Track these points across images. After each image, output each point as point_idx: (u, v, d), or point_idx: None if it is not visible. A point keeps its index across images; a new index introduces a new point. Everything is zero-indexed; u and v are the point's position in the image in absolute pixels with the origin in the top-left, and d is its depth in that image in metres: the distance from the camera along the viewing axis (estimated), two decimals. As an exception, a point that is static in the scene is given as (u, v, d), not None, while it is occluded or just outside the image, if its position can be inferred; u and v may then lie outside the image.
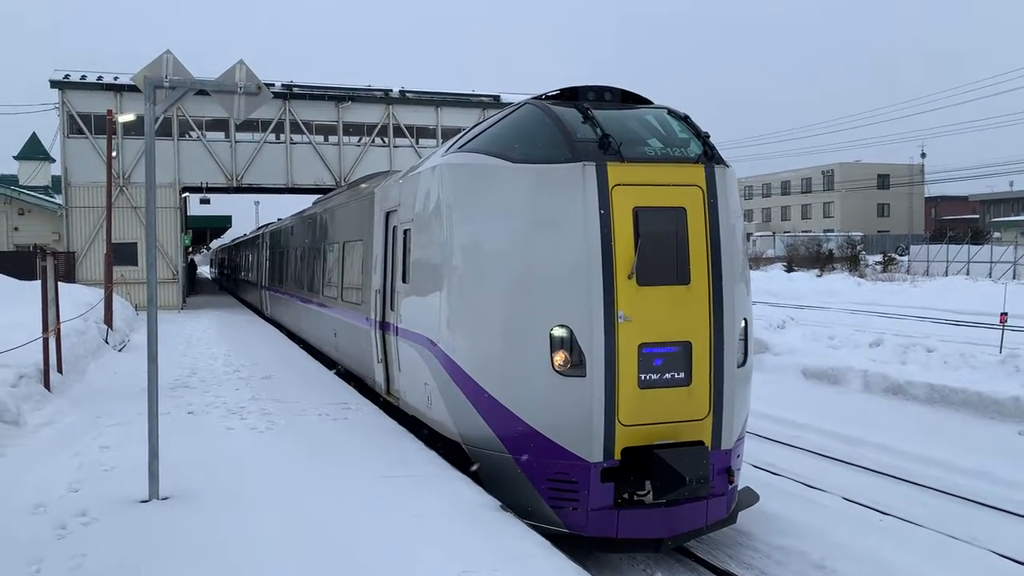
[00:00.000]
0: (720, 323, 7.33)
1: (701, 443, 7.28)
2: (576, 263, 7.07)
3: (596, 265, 7.02)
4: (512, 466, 7.48)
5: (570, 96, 8.29)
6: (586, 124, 7.52)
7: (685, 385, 7.25)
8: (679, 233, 7.26)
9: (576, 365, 7.09)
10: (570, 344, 7.12)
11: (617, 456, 7.08)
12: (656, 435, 7.15)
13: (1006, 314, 17.70)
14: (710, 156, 7.60)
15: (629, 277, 7.06)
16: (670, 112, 8.22)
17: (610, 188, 7.12)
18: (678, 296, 7.24)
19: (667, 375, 7.19)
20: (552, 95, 8.42)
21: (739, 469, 7.91)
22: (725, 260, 7.39)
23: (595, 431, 7.02)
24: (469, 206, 7.97)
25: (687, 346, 7.25)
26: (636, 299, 7.09)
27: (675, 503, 7.15)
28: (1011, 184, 72.73)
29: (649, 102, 8.66)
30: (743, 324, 7.70)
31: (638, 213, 7.15)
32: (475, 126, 9.29)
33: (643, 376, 7.11)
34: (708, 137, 7.81)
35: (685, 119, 8.08)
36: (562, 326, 7.12)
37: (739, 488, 8.01)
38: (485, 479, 7.79)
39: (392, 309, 10.23)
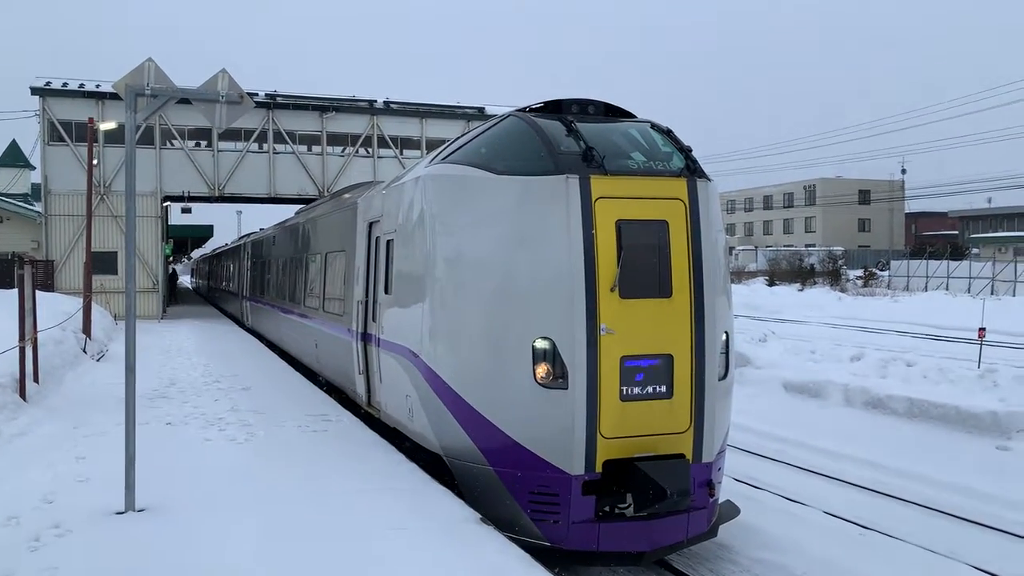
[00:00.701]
0: (702, 336, 7.34)
1: (682, 456, 7.28)
2: (559, 275, 7.07)
3: (579, 277, 7.02)
4: (493, 479, 7.45)
5: (554, 109, 8.31)
6: (569, 137, 7.53)
7: (666, 398, 7.24)
8: (661, 246, 7.28)
9: (558, 377, 7.08)
10: (552, 356, 7.10)
11: (598, 469, 7.06)
12: (637, 448, 7.14)
13: (984, 329, 17.86)
14: (692, 170, 7.63)
15: (612, 290, 7.06)
16: (653, 126, 8.25)
17: (593, 201, 7.13)
18: (660, 309, 7.25)
19: (649, 388, 7.19)
20: (536, 108, 8.43)
21: (720, 482, 7.90)
22: (707, 273, 7.40)
23: (577, 443, 7.00)
24: (452, 217, 7.95)
25: (668, 359, 7.25)
26: (618, 312, 7.09)
27: (656, 516, 7.13)
28: (990, 201, 73.64)
29: (632, 116, 8.69)
30: (724, 337, 7.71)
31: (621, 226, 7.16)
32: (459, 137, 9.28)
33: (625, 389, 7.11)
34: (690, 151, 7.84)
35: (668, 133, 8.12)
36: (545, 338, 7.11)
37: (720, 501, 8.00)
38: (466, 492, 7.75)
39: (374, 320, 10.18)
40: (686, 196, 7.44)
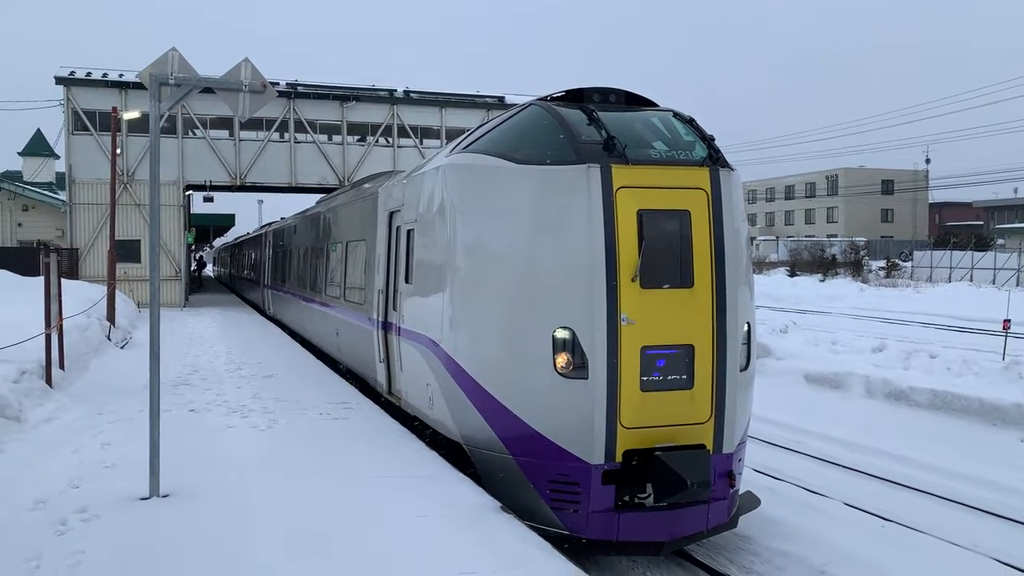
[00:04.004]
0: (723, 327, 7.31)
1: (703, 446, 7.26)
2: (579, 265, 7.06)
3: (599, 267, 7.00)
4: (513, 467, 7.47)
5: (575, 98, 8.27)
6: (591, 126, 7.50)
7: (687, 388, 7.23)
8: (683, 236, 7.24)
9: (578, 367, 7.07)
10: (572, 346, 7.10)
11: (618, 458, 7.06)
12: (658, 438, 7.14)
13: (1009, 321, 17.66)
14: (715, 159, 7.58)
15: (632, 280, 7.04)
16: (675, 115, 8.20)
17: (614, 190, 7.10)
18: (681, 299, 7.22)
19: (669, 378, 7.17)
20: (557, 96, 8.40)
21: (740, 473, 7.88)
22: (729, 264, 7.36)
23: (596, 433, 7.00)
24: (473, 206, 7.95)
25: (689, 349, 7.23)
26: (639, 302, 7.07)
27: (676, 506, 7.13)
28: (1015, 191, 72.81)
29: (654, 104, 8.64)
30: (746, 328, 7.68)
31: (642, 215, 7.13)
32: (480, 127, 9.28)
33: (645, 379, 7.09)
34: (713, 140, 7.79)
35: (690, 122, 8.06)
36: (565, 328, 7.11)
37: (740, 492, 7.99)
38: (486, 480, 7.78)
39: (395, 309, 10.22)
40: (708, 186, 7.39)
